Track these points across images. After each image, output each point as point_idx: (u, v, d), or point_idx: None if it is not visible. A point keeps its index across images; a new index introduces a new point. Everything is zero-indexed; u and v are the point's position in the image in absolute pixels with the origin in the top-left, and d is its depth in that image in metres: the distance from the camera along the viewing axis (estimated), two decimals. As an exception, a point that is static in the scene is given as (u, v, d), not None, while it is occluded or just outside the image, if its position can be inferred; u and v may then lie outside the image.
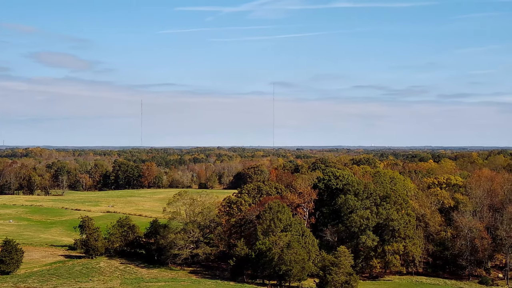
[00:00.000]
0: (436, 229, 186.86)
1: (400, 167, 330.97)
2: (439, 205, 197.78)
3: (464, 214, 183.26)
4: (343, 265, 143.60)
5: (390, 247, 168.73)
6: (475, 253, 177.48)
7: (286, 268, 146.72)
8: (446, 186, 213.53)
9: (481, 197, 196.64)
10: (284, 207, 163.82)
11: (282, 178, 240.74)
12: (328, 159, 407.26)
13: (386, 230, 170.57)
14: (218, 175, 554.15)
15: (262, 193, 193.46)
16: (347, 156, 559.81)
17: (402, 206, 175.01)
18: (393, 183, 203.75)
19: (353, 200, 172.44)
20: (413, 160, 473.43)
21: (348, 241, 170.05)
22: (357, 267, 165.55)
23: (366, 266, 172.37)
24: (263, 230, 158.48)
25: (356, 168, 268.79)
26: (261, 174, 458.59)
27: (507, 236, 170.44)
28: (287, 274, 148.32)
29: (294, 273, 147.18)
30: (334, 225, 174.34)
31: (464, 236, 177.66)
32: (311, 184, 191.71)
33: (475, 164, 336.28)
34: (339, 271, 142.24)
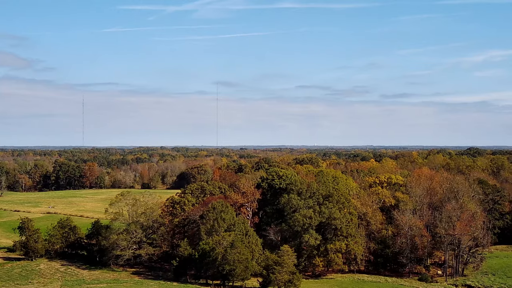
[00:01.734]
0: (378, 227, 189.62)
1: (342, 167, 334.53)
2: (380, 204, 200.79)
3: (405, 213, 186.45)
4: (286, 264, 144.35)
5: (333, 245, 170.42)
6: (415, 250, 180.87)
7: (229, 267, 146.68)
8: (387, 185, 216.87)
9: (421, 196, 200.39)
10: (227, 207, 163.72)
11: (225, 178, 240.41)
12: (272, 159, 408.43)
13: (328, 229, 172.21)
14: (161, 175, 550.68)
15: (206, 193, 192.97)
16: (290, 156, 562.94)
17: (344, 205, 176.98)
18: (336, 182, 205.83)
19: (296, 199, 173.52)
20: (355, 159, 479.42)
21: (291, 240, 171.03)
22: (300, 266, 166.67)
23: (309, 264, 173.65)
24: (207, 230, 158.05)
25: (299, 168, 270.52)
26: (205, 174, 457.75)
27: (446, 234, 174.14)
28: (230, 274, 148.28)
29: (238, 272, 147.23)
30: (277, 224, 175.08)
31: (405, 234, 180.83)
32: (254, 184, 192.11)
33: (415, 164, 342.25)
34: (282, 270, 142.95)
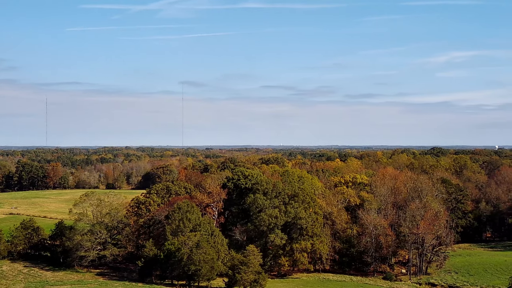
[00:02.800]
0: (343, 226, 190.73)
1: (308, 166, 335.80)
2: (346, 203, 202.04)
3: (369, 212, 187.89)
4: (252, 264, 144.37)
5: (298, 245, 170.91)
6: (379, 249, 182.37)
7: (195, 268, 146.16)
8: (352, 184, 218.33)
9: (385, 195, 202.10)
10: (193, 207, 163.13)
11: (191, 178, 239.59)
12: (238, 159, 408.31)
13: (294, 228, 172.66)
14: (126, 175, 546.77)
15: (171, 193, 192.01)
16: (256, 156, 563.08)
17: (310, 204, 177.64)
18: (301, 182, 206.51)
19: (262, 199, 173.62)
20: (321, 159, 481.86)
21: (257, 240, 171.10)
22: (266, 265, 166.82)
23: (275, 264, 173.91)
24: (172, 230, 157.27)
25: (265, 168, 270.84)
26: (170, 174, 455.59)
27: (410, 233, 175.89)
28: (196, 274, 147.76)
29: (203, 272, 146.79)
30: (243, 224, 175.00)
31: (369, 233, 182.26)
32: (220, 184, 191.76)
33: (380, 163, 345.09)
34: (248, 270, 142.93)
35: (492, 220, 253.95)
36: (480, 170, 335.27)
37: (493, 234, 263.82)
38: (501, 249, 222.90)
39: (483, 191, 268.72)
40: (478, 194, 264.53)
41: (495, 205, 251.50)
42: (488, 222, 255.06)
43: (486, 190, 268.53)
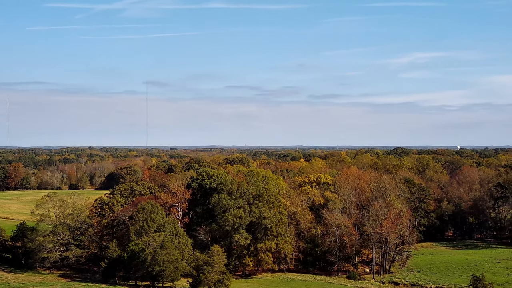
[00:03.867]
0: (307, 226, 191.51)
1: (272, 166, 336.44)
2: (310, 203, 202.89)
3: (333, 212, 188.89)
4: (216, 264, 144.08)
5: (263, 245, 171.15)
6: (343, 249, 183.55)
7: (159, 268, 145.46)
8: (317, 184, 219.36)
9: (349, 195, 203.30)
10: (157, 207, 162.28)
11: (155, 178, 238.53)
12: (202, 159, 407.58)
13: (259, 228, 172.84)
14: (90, 176, 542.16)
15: (135, 193, 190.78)
16: (221, 156, 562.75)
17: (274, 204, 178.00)
18: (266, 182, 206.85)
19: (227, 199, 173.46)
20: (285, 159, 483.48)
21: (221, 240, 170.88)
22: (231, 265, 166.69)
23: (239, 264, 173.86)
24: (136, 231, 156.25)
25: (229, 168, 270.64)
26: (134, 174, 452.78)
27: (373, 232, 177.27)
28: (160, 275, 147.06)
29: (168, 273, 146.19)
30: (208, 224, 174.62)
31: (333, 232, 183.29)
32: (185, 184, 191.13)
33: (344, 163, 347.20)
34: (212, 270, 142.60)
35: (453, 219, 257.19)
36: (442, 170, 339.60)
37: (454, 233, 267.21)
38: (463, 247, 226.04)
39: (445, 191, 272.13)
40: (440, 193, 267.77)
41: (456, 205, 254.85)
42: (450, 221, 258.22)
43: (448, 189, 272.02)
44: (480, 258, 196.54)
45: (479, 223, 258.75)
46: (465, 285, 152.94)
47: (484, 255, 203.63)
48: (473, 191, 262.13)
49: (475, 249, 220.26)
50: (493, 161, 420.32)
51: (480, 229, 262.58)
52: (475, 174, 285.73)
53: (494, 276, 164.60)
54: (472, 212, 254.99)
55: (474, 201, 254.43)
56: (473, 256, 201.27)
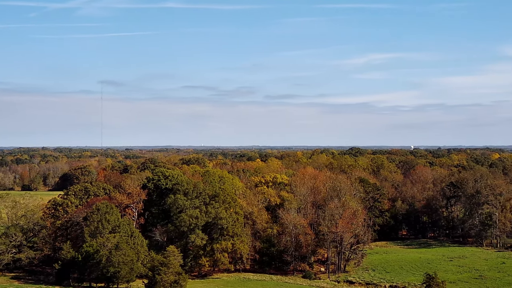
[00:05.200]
0: (263, 226, 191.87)
1: (229, 167, 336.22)
2: (266, 203, 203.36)
3: (289, 211, 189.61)
4: (172, 264, 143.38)
5: (219, 245, 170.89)
6: (299, 248, 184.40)
7: (114, 270, 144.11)
8: (273, 184, 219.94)
9: (305, 195, 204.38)
10: (112, 208, 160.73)
11: (110, 179, 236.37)
12: (158, 159, 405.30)
13: (215, 228, 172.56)
14: (43, 177, 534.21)
15: (90, 194, 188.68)
16: (176, 156, 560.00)
17: (230, 204, 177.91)
18: (222, 182, 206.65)
19: (183, 199, 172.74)
20: (242, 159, 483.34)
21: (177, 240, 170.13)
22: (186, 266, 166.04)
23: (195, 265, 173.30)
24: (91, 232, 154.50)
25: (185, 168, 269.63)
26: (89, 175, 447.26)
27: (329, 232, 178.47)
28: (115, 276, 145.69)
29: (123, 274, 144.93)
30: (163, 225, 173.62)
31: (289, 232, 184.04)
32: (140, 185, 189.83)
33: (300, 163, 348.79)
34: (168, 271, 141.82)
35: (407, 218, 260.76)
36: (396, 170, 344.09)
37: (408, 232, 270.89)
38: (416, 246, 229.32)
39: (399, 190, 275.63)
40: (394, 193, 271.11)
41: (410, 204, 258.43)
42: (404, 220, 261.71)
43: (402, 189, 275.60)
44: (433, 257, 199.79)
45: (432, 222, 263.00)
46: (418, 283, 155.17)
47: (437, 254, 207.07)
48: (426, 191, 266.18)
49: (428, 248, 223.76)
50: (445, 161, 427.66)
51: (433, 228, 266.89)
52: (428, 174, 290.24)
53: (447, 274, 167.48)
54: (425, 211, 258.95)
55: (427, 200, 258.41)
56: (426, 255, 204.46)
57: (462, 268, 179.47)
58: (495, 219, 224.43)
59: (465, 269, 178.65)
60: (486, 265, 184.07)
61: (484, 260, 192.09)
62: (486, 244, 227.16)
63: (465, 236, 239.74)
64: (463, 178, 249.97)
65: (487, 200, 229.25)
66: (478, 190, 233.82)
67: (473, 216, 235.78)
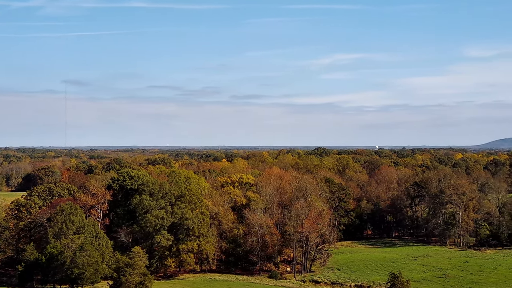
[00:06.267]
0: (229, 226, 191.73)
1: (195, 167, 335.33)
2: (232, 203, 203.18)
3: (256, 212, 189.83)
4: (137, 265, 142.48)
5: (185, 246, 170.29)
6: (265, 248, 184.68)
7: (78, 271, 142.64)
8: (239, 184, 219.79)
9: (271, 195, 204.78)
10: (77, 209, 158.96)
11: (75, 179, 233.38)
12: (123, 159, 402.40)
13: (181, 229, 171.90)
14: (6, 177, 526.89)
15: (54, 195, 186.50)
16: (142, 156, 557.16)
17: (196, 205, 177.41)
18: (188, 183, 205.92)
19: (148, 200, 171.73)
20: (208, 159, 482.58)
21: (143, 241, 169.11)
22: (152, 267, 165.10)
23: (161, 265, 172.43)
24: (55, 233, 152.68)
25: (151, 168, 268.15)
26: (53, 176, 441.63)
27: (295, 231, 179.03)
28: (79, 278, 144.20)
29: (87, 276, 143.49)
30: (129, 225, 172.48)
31: (255, 232, 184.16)
32: (105, 185, 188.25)
33: (266, 163, 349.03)
34: (133, 272, 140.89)
35: (372, 218, 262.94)
36: (361, 170, 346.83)
37: (373, 232, 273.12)
38: (381, 245, 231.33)
39: (364, 190, 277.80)
40: (359, 193, 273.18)
41: (375, 204, 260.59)
42: (369, 219, 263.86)
43: (367, 189, 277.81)
44: (398, 256, 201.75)
45: (396, 221, 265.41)
46: (383, 282, 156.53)
47: (401, 253, 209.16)
48: (391, 190, 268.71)
49: (393, 247, 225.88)
50: (410, 161, 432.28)
51: (397, 227, 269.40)
52: (393, 174, 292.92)
53: (411, 273, 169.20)
54: (390, 211, 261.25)
55: (392, 200, 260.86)
56: (391, 254, 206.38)
57: (426, 267, 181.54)
58: (458, 219, 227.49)
59: (429, 268, 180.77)
60: (449, 264, 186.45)
61: (448, 259, 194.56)
62: (450, 243, 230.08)
63: (429, 236, 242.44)
64: (427, 178, 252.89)
65: (451, 200, 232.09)
66: (442, 190, 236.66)
67: (436, 216, 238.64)
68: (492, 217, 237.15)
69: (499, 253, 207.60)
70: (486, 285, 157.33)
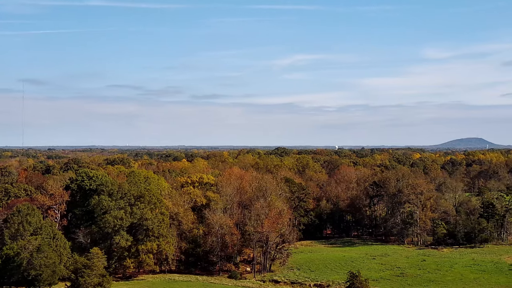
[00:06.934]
0: (189, 227, 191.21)
1: (154, 167, 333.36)
2: (192, 204, 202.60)
3: (216, 212, 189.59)
4: (96, 266, 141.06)
5: (144, 246, 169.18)
6: (225, 248, 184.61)
7: (35, 272, 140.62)
8: (199, 184, 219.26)
9: (231, 195, 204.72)
10: (34, 210, 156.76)
11: (32, 180, 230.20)
12: (82, 159, 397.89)
13: (140, 229, 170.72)
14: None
15: (10, 195, 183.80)
16: (101, 156, 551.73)
17: (156, 205, 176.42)
18: (148, 183, 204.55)
19: (107, 200, 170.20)
20: (167, 159, 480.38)
21: (101, 242, 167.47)
22: (111, 268, 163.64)
23: (120, 266, 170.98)
24: (11, 234, 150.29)
25: (110, 168, 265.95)
26: (9, 176, 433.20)
27: (255, 231, 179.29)
28: (37, 279, 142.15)
29: (45, 277, 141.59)
30: (87, 226, 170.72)
31: (215, 232, 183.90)
32: (63, 185, 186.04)
33: (226, 163, 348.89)
34: (91, 273, 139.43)
35: (332, 217, 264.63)
36: (321, 170, 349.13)
37: (333, 231, 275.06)
38: (340, 245, 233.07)
39: (324, 190, 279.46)
40: (319, 192, 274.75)
41: (335, 203, 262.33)
42: (329, 219, 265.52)
43: (326, 188, 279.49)
44: (357, 255, 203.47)
45: (355, 221, 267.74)
46: (342, 281, 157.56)
47: (360, 252, 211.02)
48: (350, 190, 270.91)
49: (352, 246, 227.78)
50: (369, 161, 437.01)
51: (356, 226, 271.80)
52: (352, 174, 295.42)
53: (370, 272, 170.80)
54: (349, 211, 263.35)
55: (351, 199, 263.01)
56: (350, 253, 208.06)
57: (385, 266, 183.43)
58: (416, 218, 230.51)
59: (387, 266, 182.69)
60: (407, 262, 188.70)
61: (406, 258, 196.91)
62: (408, 242, 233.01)
63: (388, 235, 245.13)
64: (385, 178, 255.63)
65: (409, 199, 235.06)
66: (400, 190, 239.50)
67: (395, 215, 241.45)
68: (449, 216, 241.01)
69: (455, 251, 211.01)
70: (443, 284, 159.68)
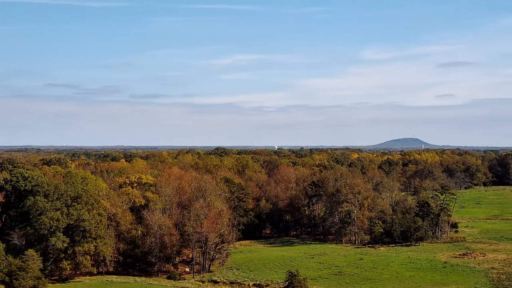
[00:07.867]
0: (127, 227, 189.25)
1: (92, 167, 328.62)
2: (131, 204, 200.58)
3: (154, 212, 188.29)
4: (31, 269, 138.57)
5: (81, 248, 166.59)
6: (164, 249, 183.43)
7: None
8: (138, 185, 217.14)
9: (170, 195, 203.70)
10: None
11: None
12: (17, 160, 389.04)
13: (77, 231, 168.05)
14: None
15: None
16: (37, 156, 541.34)
17: (93, 206, 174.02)
18: (85, 183, 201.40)
19: (43, 201, 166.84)
20: (106, 159, 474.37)
21: (37, 244, 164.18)
22: (46, 270, 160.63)
23: (56, 268, 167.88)
24: None
25: (46, 169, 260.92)
26: None
27: (194, 232, 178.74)
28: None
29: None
30: (22, 228, 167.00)
31: (154, 233, 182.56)
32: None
33: (165, 163, 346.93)
34: (26, 276, 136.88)
35: (271, 217, 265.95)
36: (261, 170, 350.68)
37: (272, 231, 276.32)
38: (279, 244, 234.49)
39: (263, 190, 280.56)
40: (259, 192, 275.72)
41: (274, 203, 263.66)
42: (268, 219, 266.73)
43: (266, 188, 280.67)
44: (296, 254, 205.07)
45: (295, 220, 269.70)
46: (281, 280, 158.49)
47: (299, 251, 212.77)
48: (289, 190, 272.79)
49: (291, 246, 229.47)
50: (308, 161, 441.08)
51: (295, 226, 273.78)
52: (292, 173, 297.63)
53: (308, 271, 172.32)
54: (288, 210, 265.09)
55: (290, 199, 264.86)
56: (289, 253, 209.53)
57: (323, 265, 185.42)
58: (354, 217, 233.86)
59: (326, 265, 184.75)
60: (345, 261, 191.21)
61: (343, 257, 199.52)
62: (345, 241, 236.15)
63: (326, 234, 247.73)
64: (324, 178, 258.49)
65: (347, 199, 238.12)
66: (338, 189, 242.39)
67: (333, 214, 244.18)
68: (386, 215, 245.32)
69: (392, 250, 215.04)
70: (380, 281, 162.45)
